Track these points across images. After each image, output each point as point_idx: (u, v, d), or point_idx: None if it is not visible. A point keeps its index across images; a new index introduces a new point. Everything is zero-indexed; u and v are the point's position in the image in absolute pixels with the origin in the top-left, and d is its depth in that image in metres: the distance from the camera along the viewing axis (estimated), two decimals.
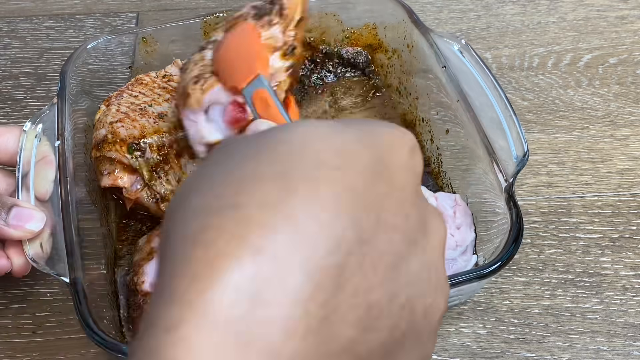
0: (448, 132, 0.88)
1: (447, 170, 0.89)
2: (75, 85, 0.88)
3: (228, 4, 1.22)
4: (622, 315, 0.81)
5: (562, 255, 0.86)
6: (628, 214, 0.91)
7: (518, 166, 0.74)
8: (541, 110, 1.04)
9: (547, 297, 0.83)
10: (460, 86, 0.82)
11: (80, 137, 0.86)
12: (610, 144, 0.99)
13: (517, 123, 0.77)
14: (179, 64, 0.90)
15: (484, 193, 0.80)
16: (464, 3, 1.22)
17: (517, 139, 0.76)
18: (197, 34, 0.97)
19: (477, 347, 0.78)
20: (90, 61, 0.93)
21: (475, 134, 0.79)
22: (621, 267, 0.85)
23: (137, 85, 0.88)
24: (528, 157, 0.74)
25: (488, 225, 0.79)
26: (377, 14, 1.01)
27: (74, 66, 0.89)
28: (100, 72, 0.95)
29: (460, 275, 0.69)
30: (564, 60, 1.12)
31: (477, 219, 0.81)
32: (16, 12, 1.22)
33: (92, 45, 0.93)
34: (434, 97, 0.90)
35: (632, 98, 1.06)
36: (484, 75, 0.81)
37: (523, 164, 0.74)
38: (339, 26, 1.03)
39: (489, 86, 0.80)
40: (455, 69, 0.84)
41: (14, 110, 1.05)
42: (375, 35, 1.03)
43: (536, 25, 1.18)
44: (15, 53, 1.14)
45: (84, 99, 0.90)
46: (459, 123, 0.84)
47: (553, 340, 0.79)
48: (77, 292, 0.66)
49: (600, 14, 1.19)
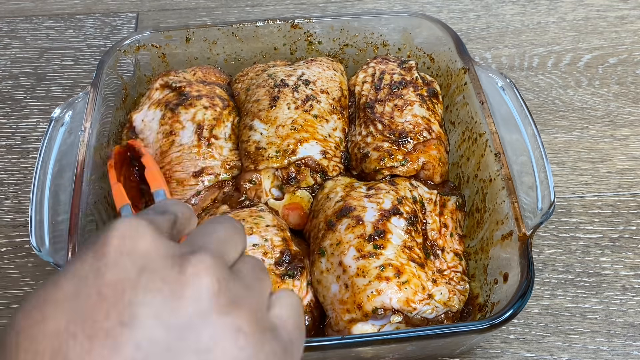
0: (478, 169, 0.84)
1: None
2: (113, 78, 0.90)
3: (228, 4, 1.22)
4: (622, 315, 0.81)
5: (562, 255, 0.87)
6: (628, 214, 0.91)
7: (542, 218, 0.71)
8: (541, 110, 1.04)
9: (547, 297, 0.83)
10: (495, 124, 0.80)
11: (107, 129, 0.87)
12: (610, 144, 0.99)
13: (548, 172, 0.73)
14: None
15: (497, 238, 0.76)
16: (463, 3, 1.22)
17: (546, 189, 0.72)
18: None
19: (477, 347, 0.78)
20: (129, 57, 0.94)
21: (501, 173, 0.77)
22: (621, 267, 0.85)
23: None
24: (553, 210, 0.71)
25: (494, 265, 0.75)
26: (426, 39, 0.98)
27: (113, 59, 0.90)
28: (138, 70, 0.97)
29: (460, 326, 0.66)
30: (563, 60, 1.12)
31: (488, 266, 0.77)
32: (16, 12, 1.22)
33: (136, 38, 0.94)
34: (467, 127, 0.88)
35: (631, 98, 1.06)
36: (522, 116, 0.79)
37: (547, 218, 0.71)
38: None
39: (526, 129, 0.78)
40: (494, 104, 0.82)
41: (14, 110, 1.05)
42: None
43: (536, 25, 1.18)
44: (15, 53, 1.14)
45: (118, 91, 0.92)
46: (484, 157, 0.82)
47: (553, 340, 0.79)
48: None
49: (600, 14, 1.19)
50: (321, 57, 0.97)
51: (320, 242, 0.76)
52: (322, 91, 0.90)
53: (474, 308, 0.76)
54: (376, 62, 0.95)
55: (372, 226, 0.74)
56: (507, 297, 0.68)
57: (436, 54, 0.96)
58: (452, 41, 0.92)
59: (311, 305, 0.74)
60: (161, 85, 0.91)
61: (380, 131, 0.85)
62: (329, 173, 0.84)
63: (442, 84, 0.94)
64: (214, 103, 0.88)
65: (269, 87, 0.89)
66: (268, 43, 0.99)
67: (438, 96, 0.91)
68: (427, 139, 0.85)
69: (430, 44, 0.96)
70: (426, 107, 0.88)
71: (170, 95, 0.89)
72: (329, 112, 0.88)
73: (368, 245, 0.72)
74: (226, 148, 0.86)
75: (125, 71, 0.94)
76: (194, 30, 0.97)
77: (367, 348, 0.67)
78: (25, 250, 0.87)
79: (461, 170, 0.86)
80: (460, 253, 0.79)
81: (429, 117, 0.87)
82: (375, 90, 0.90)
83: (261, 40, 0.98)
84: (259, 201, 0.82)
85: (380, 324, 0.70)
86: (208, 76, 0.96)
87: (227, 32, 0.97)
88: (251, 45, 0.98)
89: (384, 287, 0.69)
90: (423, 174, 0.84)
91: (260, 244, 0.75)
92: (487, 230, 0.78)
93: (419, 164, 0.83)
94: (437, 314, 0.72)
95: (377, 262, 0.71)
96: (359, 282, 0.70)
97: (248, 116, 0.88)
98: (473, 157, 0.84)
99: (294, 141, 0.83)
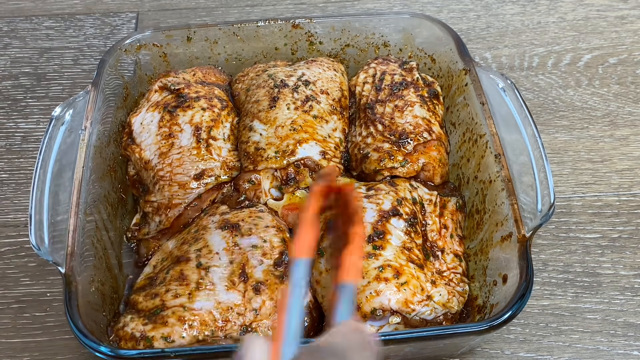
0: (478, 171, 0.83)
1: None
2: (114, 77, 0.90)
3: (228, 4, 1.22)
4: (622, 315, 0.81)
5: (562, 255, 0.87)
6: (628, 214, 0.91)
7: (541, 220, 0.70)
8: (541, 110, 1.04)
9: (547, 297, 0.83)
10: (495, 125, 0.80)
11: (107, 128, 0.87)
12: (610, 144, 0.99)
13: (548, 173, 0.73)
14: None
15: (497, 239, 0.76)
16: (463, 3, 1.22)
17: (546, 190, 0.72)
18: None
19: (477, 347, 0.78)
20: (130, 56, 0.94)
21: (501, 175, 0.77)
22: (621, 267, 0.85)
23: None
24: (553, 211, 0.71)
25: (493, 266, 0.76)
26: (427, 40, 0.97)
27: (114, 58, 0.90)
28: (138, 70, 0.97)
29: (458, 328, 0.66)
30: (563, 60, 1.12)
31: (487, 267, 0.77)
32: (16, 12, 1.22)
33: (137, 37, 0.94)
34: (467, 128, 0.87)
35: (631, 98, 1.06)
36: (522, 117, 0.79)
37: (546, 219, 0.70)
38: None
39: (527, 130, 0.78)
40: (495, 105, 0.81)
41: (14, 110, 1.05)
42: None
43: (536, 25, 1.18)
44: (15, 53, 1.14)
45: (118, 90, 0.92)
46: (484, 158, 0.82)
47: (553, 340, 0.79)
48: (69, 283, 0.67)
49: (600, 14, 1.19)
50: (322, 58, 0.97)
51: (319, 243, 0.76)
52: (322, 92, 0.90)
53: (473, 309, 0.76)
54: (377, 62, 0.94)
55: (371, 227, 0.74)
56: (506, 298, 0.68)
57: (437, 54, 0.96)
58: (453, 42, 0.91)
59: (310, 305, 0.74)
60: (160, 87, 0.91)
61: (381, 132, 0.85)
62: None
63: (443, 85, 0.94)
64: (212, 104, 0.88)
65: (269, 87, 0.89)
66: (269, 43, 0.99)
67: (439, 97, 0.91)
68: (427, 140, 0.85)
69: (431, 45, 0.96)
70: (427, 108, 0.88)
71: (168, 98, 0.89)
72: (329, 113, 0.88)
73: (367, 246, 0.72)
74: (225, 149, 0.86)
75: (126, 70, 0.94)
76: (195, 30, 0.96)
77: None
78: (25, 250, 0.87)
79: (461, 172, 0.86)
80: (460, 254, 0.79)
81: (429, 118, 0.87)
82: (375, 91, 0.90)
83: (262, 40, 0.98)
84: (258, 201, 0.82)
85: (379, 325, 0.70)
86: (208, 76, 0.96)
87: (228, 32, 0.97)
88: (252, 45, 0.98)
89: (383, 288, 0.69)
90: (423, 175, 0.84)
91: (259, 244, 0.75)
92: (487, 232, 0.78)
93: (419, 165, 0.83)
94: (436, 315, 0.71)
95: (376, 263, 0.71)
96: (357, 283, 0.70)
97: (248, 117, 0.88)
98: (473, 158, 0.84)
99: (293, 142, 0.83)
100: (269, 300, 0.71)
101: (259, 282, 0.72)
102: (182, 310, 0.69)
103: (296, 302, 0.54)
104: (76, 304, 0.66)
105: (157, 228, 0.82)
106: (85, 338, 0.64)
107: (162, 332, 0.68)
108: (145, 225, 0.84)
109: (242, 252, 0.74)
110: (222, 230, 0.76)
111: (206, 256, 0.74)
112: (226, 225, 0.76)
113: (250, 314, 0.70)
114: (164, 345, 0.68)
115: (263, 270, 0.73)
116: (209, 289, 0.71)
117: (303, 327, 0.59)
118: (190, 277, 0.72)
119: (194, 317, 0.69)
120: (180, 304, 0.70)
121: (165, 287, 0.72)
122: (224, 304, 0.70)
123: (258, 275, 0.72)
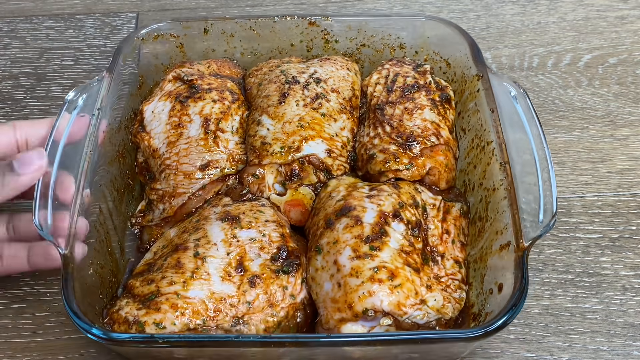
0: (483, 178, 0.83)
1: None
2: (129, 66, 0.90)
3: (228, 4, 1.22)
4: (622, 315, 0.81)
5: (562, 255, 0.87)
6: (628, 214, 0.91)
7: (541, 231, 0.70)
8: (541, 110, 1.04)
9: (547, 297, 0.83)
10: (504, 133, 0.79)
11: (119, 114, 0.87)
12: (610, 144, 0.99)
13: (553, 189, 0.72)
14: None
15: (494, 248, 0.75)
16: (463, 3, 1.22)
17: (549, 203, 0.71)
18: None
19: (477, 347, 0.78)
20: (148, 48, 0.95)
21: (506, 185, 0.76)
22: (621, 267, 0.85)
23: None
24: (555, 223, 0.70)
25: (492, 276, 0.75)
26: (442, 44, 0.97)
27: (131, 46, 0.91)
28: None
29: (446, 333, 0.67)
30: (563, 60, 1.12)
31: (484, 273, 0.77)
32: (16, 12, 1.22)
33: (155, 27, 0.95)
34: (476, 135, 0.87)
35: (632, 98, 1.06)
36: (532, 126, 0.78)
37: (547, 230, 0.70)
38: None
39: (536, 141, 0.77)
40: (505, 113, 0.81)
41: (14, 110, 1.05)
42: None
43: (536, 25, 1.18)
44: (15, 53, 1.14)
45: (133, 78, 0.92)
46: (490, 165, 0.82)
47: (553, 340, 0.79)
48: (67, 264, 0.68)
49: (600, 14, 1.19)
50: (336, 56, 0.97)
51: (317, 240, 0.76)
52: (333, 90, 0.90)
53: (468, 317, 0.76)
54: (391, 64, 0.94)
55: (370, 227, 0.74)
56: (499, 307, 0.67)
57: (452, 59, 0.95)
58: (469, 47, 0.91)
59: (304, 302, 0.74)
60: (173, 77, 0.92)
61: (388, 133, 0.85)
62: (333, 172, 0.84)
63: (457, 90, 0.94)
64: (223, 97, 0.89)
65: (280, 83, 0.90)
66: (285, 39, 0.99)
67: (451, 102, 0.91)
68: (434, 144, 0.85)
69: (446, 49, 0.96)
70: (437, 112, 0.88)
71: (181, 88, 0.90)
72: (338, 112, 0.88)
73: (364, 246, 0.72)
74: (232, 141, 0.86)
75: (143, 59, 0.95)
76: (212, 22, 0.97)
77: (353, 348, 0.67)
78: None
79: (468, 178, 0.86)
80: (460, 260, 0.78)
81: (438, 122, 0.87)
82: (387, 92, 0.90)
83: (278, 36, 0.98)
84: (261, 195, 0.83)
85: (370, 326, 0.70)
86: (222, 69, 0.96)
87: (245, 26, 0.97)
88: (268, 40, 0.99)
89: (376, 289, 0.69)
90: (428, 179, 0.84)
91: (257, 238, 0.75)
92: (487, 240, 0.77)
93: (425, 169, 0.83)
94: (429, 320, 0.71)
95: (371, 264, 0.71)
96: (351, 282, 0.70)
97: (257, 111, 0.88)
98: (480, 164, 0.83)
99: (299, 138, 0.83)
100: (264, 294, 0.72)
101: (255, 275, 0.72)
102: (176, 298, 0.70)
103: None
104: (72, 285, 0.67)
105: (160, 216, 0.83)
106: (77, 319, 0.65)
107: (154, 318, 0.69)
108: (149, 213, 0.84)
109: (240, 245, 0.74)
110: (222, 222, 0.76)
111: (204, 246, 0.74)
112: (227, 217, 0.77)
113: (243, 306, 0.71)
114: (155, 330, 0.68)
115: (260, 264, 0.73)
116: (204, 279, 0.71)
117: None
118: (186, 265, 0.72)
119: (187, 305, 0.70)
120: (175, 292, 0.70)
121: (161, 273, 0.73)
122: (218, 295, 0.71)
123: (255, 268, 0.73)
